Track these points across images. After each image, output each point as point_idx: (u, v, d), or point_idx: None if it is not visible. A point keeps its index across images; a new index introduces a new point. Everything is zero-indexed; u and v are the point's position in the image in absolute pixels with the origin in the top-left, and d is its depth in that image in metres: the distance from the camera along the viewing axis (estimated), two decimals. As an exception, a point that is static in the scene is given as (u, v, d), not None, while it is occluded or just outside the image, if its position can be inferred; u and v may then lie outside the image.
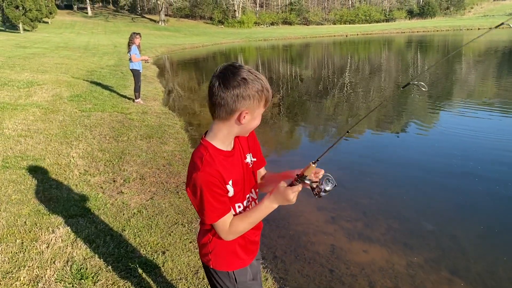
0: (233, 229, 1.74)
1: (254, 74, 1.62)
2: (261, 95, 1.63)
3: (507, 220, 4.70)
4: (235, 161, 1.79)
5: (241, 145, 1.87)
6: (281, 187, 1.75)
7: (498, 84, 14.89)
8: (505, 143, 7.35)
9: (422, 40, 42.40)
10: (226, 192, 1.71)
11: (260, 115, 1.71)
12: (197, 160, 1.68)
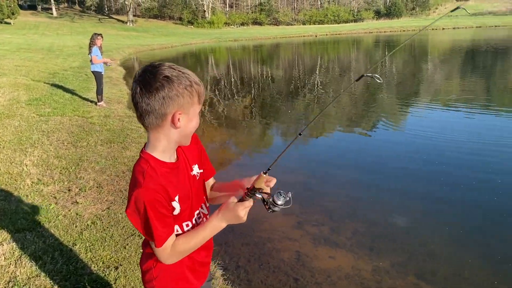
0: (175, 251, 1.53)
1: (177, 69, 1.42)
2: (191, 90, 1.43)
3: (473, 222, 4.68)
4: (181, 174, 1.59)
5: (186, 155, 1.66)
6: (230, 204, 1.57)
7: (462, 84, 15.21)
8: (470, 144, 7.40)
9: (389, 40, 43.16)
10: (171, 211, 1.50)
11: (197, 114, 1.52)
12: (138, 175, 1.47)
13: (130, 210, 1.45)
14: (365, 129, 9.09)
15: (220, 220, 1.58)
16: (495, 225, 4.53)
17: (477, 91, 13.15)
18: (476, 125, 8.76)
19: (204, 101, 1.55)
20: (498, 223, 4.55)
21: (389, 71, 19.52)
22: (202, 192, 1.75)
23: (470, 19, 67.74)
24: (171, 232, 1.51)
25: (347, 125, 9.45)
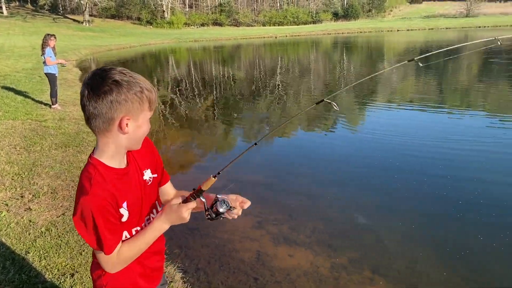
0: (121, 259, 1.51)
1: (129, 75, 1.41)
2: (141, 96, 1.42)
3: (424, 218, 4.88)
4: (131, 179, 1.55)
5: (137, 160, 1.63)
6: (173, 205, 1.57)
7: (416, 84, 15.81)
8: (423, 143, 7.71)
9: (347, 41, 44.17)
10: (119, 218, 1.48)
11: (147, 120, 1.50)
12: (85, 181, 1.43)
13: (76, 217, 1.41)
14: (324, 129, 9.28)
15: (162, 221, 1.57)
16: (444, 219, 4.74)
17: (430, 91, 13.72)
18: (428, 124, 9.11)
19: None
20: (446, 218, 4.76)
21: (347, 72, 20.00)
22: (154, 197, 1.72)
23: (423, 21, 70.36)
24: (119, 240, 1.49)
25: (307, 125, 9.61)
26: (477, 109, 10.66)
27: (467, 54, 22.54)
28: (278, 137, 8.74)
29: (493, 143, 7.22)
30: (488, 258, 3.96)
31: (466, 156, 6.68)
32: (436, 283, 3.62)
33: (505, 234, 4.26)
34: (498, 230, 4.36)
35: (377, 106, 11.64)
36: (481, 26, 60.08)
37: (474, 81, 15.59)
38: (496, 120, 9.14)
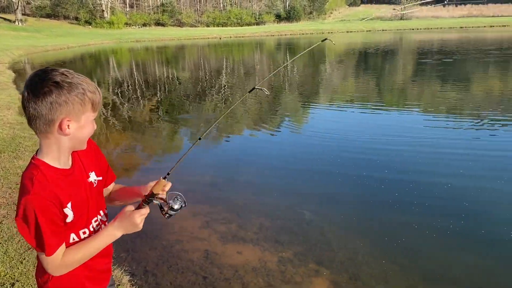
0: (65, 262, 1.50)
1: (71, 76, 1.42)
2: (83, 98, 1.43)
3: (364, 211, 5.15)
4: (75, 180, 1.56)
5: (82, 162, 1.64)
6: (126, 212, 1.59)
7: (356, 84, 16.47)
8: (363, 140, 8.09)
9: (290, 43, 45.06)
10: (63, 219, 1.47)
11: (90, 121, 1.51)
12: (27, 181, 1.42)
13: (18, 218, 1.41)
14: (269, 129, 9.45)
15: (116, 228, 1.58)
16: (382, 212, 5.03)
17: (369, 90, 14.37)
18: (368, 124, 9.54)
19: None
20: (384, 210, 5.06)
21: (291, 73, 20.43)
22: (101, 199, 1.73)
23: (361, 23, 73.17)
24: (62, 241, 1.48)
25: (253, 125, 9.74)
26: (411, 108, 11.28)
27: (398, 55, 23.78)
28: (224, 137, 8.80)
29: (426, 141, 7.71)
30: (422, 244, 4.26)
31: (401, 153, 7.09)
32: (376, 271, 3.84)
33: (436, 222, 4.60)
34: (430, 219, 4.70)
35: (319, 106, 12.03)
36: (414, 29, 63.52)
37: (408, 80, 16.49)
38: (429, 118, 9.75)
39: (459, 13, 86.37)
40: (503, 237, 4.27)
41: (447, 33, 52.50)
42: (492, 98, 11.90)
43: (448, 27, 62.99)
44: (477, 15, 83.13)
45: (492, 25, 63.00)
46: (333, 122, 9.62)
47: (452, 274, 3.81)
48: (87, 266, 1.61)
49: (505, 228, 4.43)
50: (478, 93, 12.82)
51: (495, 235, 4.34)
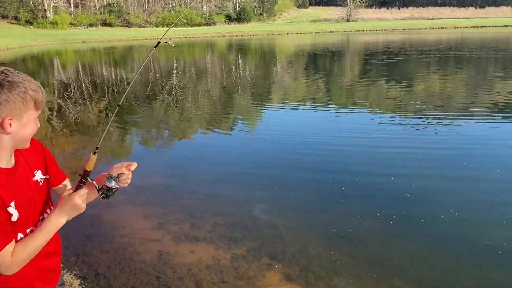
0: (16, 259, 1.48)
1: (12, 75, 1.42)
2: (25, 97, 1.43)
3: (314, 206, 5.33)
4: (19, 179, 1.54)
5: (27, 161, 1.63)
6: (65, 197, 1.59)
7: (306, 84, 16.87)
8: (313, 140, 8.33)
9: (241, 44, 45.27)
10: (8, 217, 1.46)
11: (33, 120, 1.52)
12: None
13: None
14: (221, 130, 9.50)
15: (58, 215, 1.58)
16: (331, 206, 5.24)
17: (319, 90, 14.76)
18: (317, 123, 9.83)
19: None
20: (332, 204, 5.26)
21: (243, 74, 20.58)
22: (48, 197, 1.72)
23: (310, 25, 74.79)
24: (9, 240, 1.47)
25: (205, 126, 9.75)
26: (359, 107, 11.73)
27: (349, 55, 24.62)
28: (176, 139, 8.77)
29: (372, 138, 8.06)
30: (367, 234, 4.48)
31: (348, 150, 7.39)
32: (326, 262, 4.00)
33: (380, 213, 4.86)
34: (374, 210, 4.95)
35: (271, 106, 12.23)
36: (360, 30, 65.71)
37: (355, 80, 17.09)
38: (376, 117, 10.19)
39: (401, 15, 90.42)
40: (440, 225, 4.58)
41: (391, 34, 54.78)
42: (433, 97, 12.58)
43: (391, 28, 65.69)
44: (418, 17, 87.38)
45: (432, 27, 66.44)
46: (284, 122, 9.83)
47: (395, 260, 4.04)
48: (36, 264, 1.60)
49: (442, 216, 4.75)
50: (421, 92, 13.53)
51: (433, 224, 4.64)
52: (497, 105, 10.90)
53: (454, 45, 34.45)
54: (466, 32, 54.27)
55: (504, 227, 4.50)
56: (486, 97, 11.95)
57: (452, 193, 5.39)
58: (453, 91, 13.53)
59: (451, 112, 10.03)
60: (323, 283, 3.70)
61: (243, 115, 11.07)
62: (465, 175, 5.95)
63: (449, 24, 68.47)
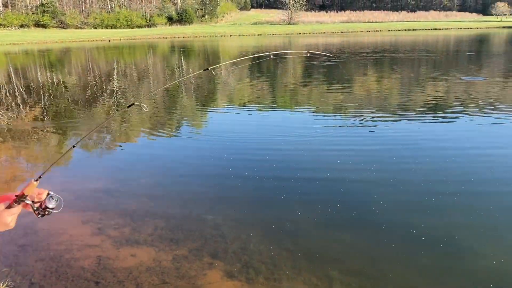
0: None
1: None
2: None
3: (254, 204, 5.46)
4: None
5: None
6: None
7: (251, 86, 17.06)
8: (255, 140, 8.48)
9: (183, 45, 44.85)
10: None
11: None
12: None
13: None
14: (165, 133, 9.42)
15: None
16: (270, 203, 5.39)
17: (263, 93, 14.99)
18: (259, 124, 10.02)
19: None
20: (272, 201, 5.42)
21: (187, 75, 20.41)
22: None
23: (253, 28, 75.53)
24: None
25: (148, 130, 9.62)
26: (302, 108, 12.05)
27: (290, 58, 25.17)
28: (118, 143, 8.59)
29: (313, 139, 8.35)
30: (305, 229, 4.67)
31: (289, 151, 7.62)
32: (266, 257, 4.13)
33: (317, 208, 5.08)
34: (311, 206, 5.16)
35: (215, 109, 12.27)
36: (301, 33, 67.35)
37: (298, 82, 17.54)
38: (318, 117, 10.53)
39: (339, 18, 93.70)
40: (373, 217, 4.87)
41: (330, 37, 56.62)
42: (371, 97, 13.18)
43: (330, 31, 67.91)
44: (355, 20, 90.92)
45: (368, 30, 69.44)
46: (228, 124, 9.93)
47: (332, 252, 4.25)
48: None
49: (373, 208, 5.06)
50: (359, 93, 14.12)
51: (366, 217, 4.93)
52: (428, 104, 11.64)
53: (389, 47, 36.23)
54: (399, 35, 57.26)
55: (429, 216, 4.87)
56: (418, 97, 12.72)
57: (384, 187, 5.73)
58: (388, 92, 14.26)
59: (386, 112, 10.59)
60: (263, 277, 3.82)
61: (186, 117, 11.04)
62: (395, 169, 6.34)
63: (384, 27, 71.92)
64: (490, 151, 7.16)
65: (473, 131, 8.50)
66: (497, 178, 5.91)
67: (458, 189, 5.52)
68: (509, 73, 18.28)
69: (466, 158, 6.87)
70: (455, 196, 5.34)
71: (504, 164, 6.48)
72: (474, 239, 4.35)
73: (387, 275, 3.86)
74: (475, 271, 3.89)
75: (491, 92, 12.91)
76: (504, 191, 5.50)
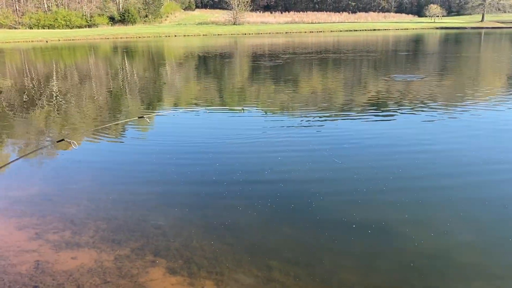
0: None
1: None
2: None
3: (196, 201, 5.56)
4: None
5: None
6: None
7: (198, 86, 17.03)
8: (202, 141, 8.55)
9: (126, 46, 43.80)
10: None
11: None
12: None
13: None
14: (107, 134, 9.23)
15: None
16: (210, 200, 5.51)
17: (210, 93, 15.00)
18: (210, 126, 10.02)
19: None
20: (212, 198, 5.55)
21: (131, 77, 20.04)
22: None
23: (198, 28, 75.06)
24: None
25: (90, 132, 9.39)
26: (250, 108, 12.17)
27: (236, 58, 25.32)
28: (58, 147, 8.32)
29: (260, 141, 8.54)
30: (246, 224, 4.84)
31: (233, 151, 7.78)
32: (208, 252, 4.25)
33: (257, 203, 5.28)
34: (251, 201, 5.35)
35: (161, 110, 12.17)
36: (246, 33, 67.82)
37: (245, 82, 17.72)
38: (266, 118, 10.74)
39: (284, 19, 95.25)
40: (310, 211, 5.13)
41: (275, 37, 57.51)
42: (316, 97, 13.59)
43: (275, 32, 68.92)
44: (298, 21, 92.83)
45: (311, 30, 71.17)
46: (172, 126, 9.90)
47: (272, 244, 4.44)
48: None
49: (310, 202, 5.32)
50: (305, 93, 14.49)
51: (304, 211, 5.17)
52: (369, 102, 12.22)
53: (332, 48, 37.41)
54: (341, 35, 59.21)
55: (362, 208, 5.21)
56: (360, 96, 13.30)
57: (322, 184, 6.01)
58: (333, 91, 14.72)
59: (330, 112, 10.96)
60: (205, 271, 3.94)
61: (131, 121, 10.85)
62: (335, 168, 6.63)
63: (326, 28, 74.00)
64: (426, 147, 7.62)
65: (411, 129, 8.98)
66: (429, 174, 6.37)
67: (393, 184, 5.93)
68: (443, 72, 19.53)
69: (402, 155, 7.24)
70: (389, 190, 5.74)
71: (437, 160, 6.97)
72: (401, 226, 4.72)
73: (322, 261, 4.11)
74: (400, 254, 4.24)
75: (427, 91, 13.77)
76: (435, 186, 5.95)
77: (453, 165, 6.64)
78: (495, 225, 4.79)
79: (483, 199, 5.40)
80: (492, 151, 7.32)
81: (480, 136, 8.23)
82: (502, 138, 8.09)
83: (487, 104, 11.32)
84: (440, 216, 4.96)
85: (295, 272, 3.93)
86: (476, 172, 6.34)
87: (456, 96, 13.00)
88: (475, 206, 5.21)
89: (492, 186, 5.84)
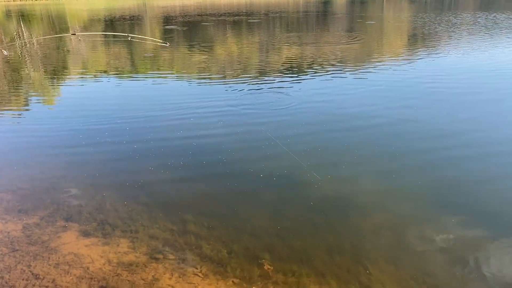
0: None
1: None
2: None
3: (110, 166, 5.51)
4: None
5: None
6: None
7: (107, 54, 16.15)
8: (121, 109, 8.28)
9: (22, 11, 39.88)
10: None
11: None
12: None
13: None
14: (10, 108, 8.59)
15: None
16: (125, 165, 5.50)
17: (121, 60, 14.25)
18: (125, 95, 9.67)
19: None
20: (127, 163, 5.54)
21: (30, 45, 18.43)
22: None
23: None
24: None
25: None
26: (166, 75, 11.85)
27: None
28: None
29: (174, 106, 8.45)
30: (160, 182, 4.94)
31: (146, 116, 7.68)
32: (123, 213, 4.30)
33: (171, 163, 5.39)
34: (165, 162, 5.44)
35: (68, 81, 11.46)
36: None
37: (158, 48, 17.10)
38: (183, 84, 10.57)
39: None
40: (221, 166, 5.35)
41: (186, 0, 55.65)
42: (233, 60, 13.52)
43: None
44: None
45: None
46: (84, 96, 9.36)
47: (185, 200, 4.59)
48: None
49: (221, 158, 5.54)
50: (222, 56, 14.34)
51: (216, 166, 5.37)
52: (285, 65, 12.53)
53: (245, 10, 37.23)
54: (254, -2, 58.93)
55: (266, 159, 5.53)
56: (276, 58, 13.54)
57: (229, 138, 6.24)
58: (248, 54, 14.73)
59: (248, 75, 11.01)
60: (120, 230, 4.01)
61: (35, 91, 10.07)
62: (242, 123, 6.87)
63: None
64: (323, 104, 8.14)
65: (324, 88, 9.38)
66: (321, 121, 6.86)
67: (292, 134, 6.33)
68: (349, 32, 20.45)
69: (304, 113, 7.60)
70: (292, 141, 6.11)
71: (328, 110, 7.49)
72: (304, 174, 5.12)
73: (235, 211, 4.37)
74: (304, 198, 4.63)
75: (336, 52, 14.42)
76: (327, 131, 6.44)
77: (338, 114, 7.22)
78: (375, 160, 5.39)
79: (362, 142, 5.99)
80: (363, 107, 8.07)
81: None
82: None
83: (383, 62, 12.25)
84: (338, 159, 5.44)
85: (209, 223, 4.14)
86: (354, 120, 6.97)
87: (363, 58, 13.85)
88: (359, 146, 5.77)
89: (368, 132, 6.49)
